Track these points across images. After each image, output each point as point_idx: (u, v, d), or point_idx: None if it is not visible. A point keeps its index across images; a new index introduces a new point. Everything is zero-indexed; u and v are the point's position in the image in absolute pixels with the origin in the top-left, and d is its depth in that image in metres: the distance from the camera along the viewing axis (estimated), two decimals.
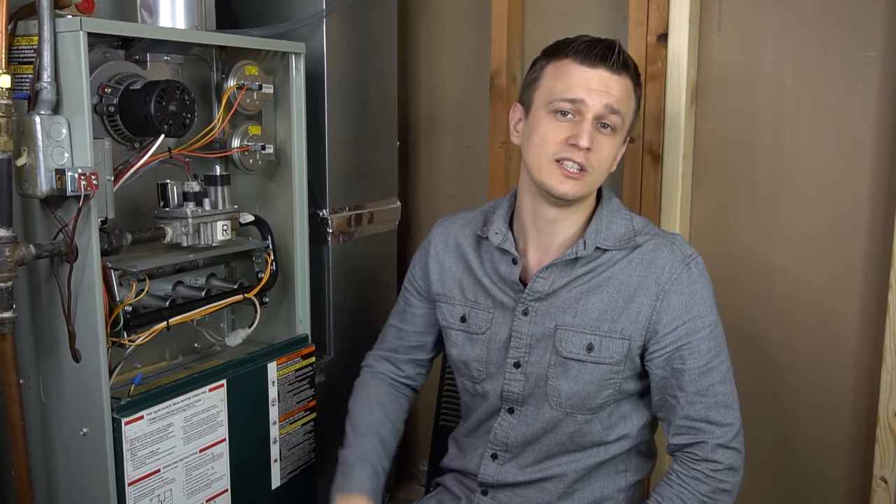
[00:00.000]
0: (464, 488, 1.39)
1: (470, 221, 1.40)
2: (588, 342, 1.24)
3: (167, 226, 1.37)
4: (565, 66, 1.21)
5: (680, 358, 1.22)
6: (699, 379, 1.22)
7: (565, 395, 1.26)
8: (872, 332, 1.60)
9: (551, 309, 1.27)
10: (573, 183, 1.21)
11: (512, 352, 1.29)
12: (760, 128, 1.68)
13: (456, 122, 2.12)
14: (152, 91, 1.27)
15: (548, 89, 1.23)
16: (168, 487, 1.34)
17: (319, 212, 1.76)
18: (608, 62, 1.19)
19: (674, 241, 1.27)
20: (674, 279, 1.23)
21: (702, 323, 1.23)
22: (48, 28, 1.15)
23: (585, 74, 1.20)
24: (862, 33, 1.56)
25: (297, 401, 1.58)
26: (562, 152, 1.20)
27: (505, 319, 1.31)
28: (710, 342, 1.23)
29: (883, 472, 1.56)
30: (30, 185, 1.17)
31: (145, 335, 1.33)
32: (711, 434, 1.22)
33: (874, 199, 1.58)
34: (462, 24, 2.07)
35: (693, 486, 1.22)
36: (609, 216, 1.28)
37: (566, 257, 1.26)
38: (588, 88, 1.19)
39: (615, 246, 1.26)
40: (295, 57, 1.53)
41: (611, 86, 1.20)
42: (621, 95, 1.21)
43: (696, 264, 1.25)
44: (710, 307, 1.25)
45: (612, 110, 1.20)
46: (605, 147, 1.21)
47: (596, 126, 1.21)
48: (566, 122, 1.21)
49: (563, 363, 1.26)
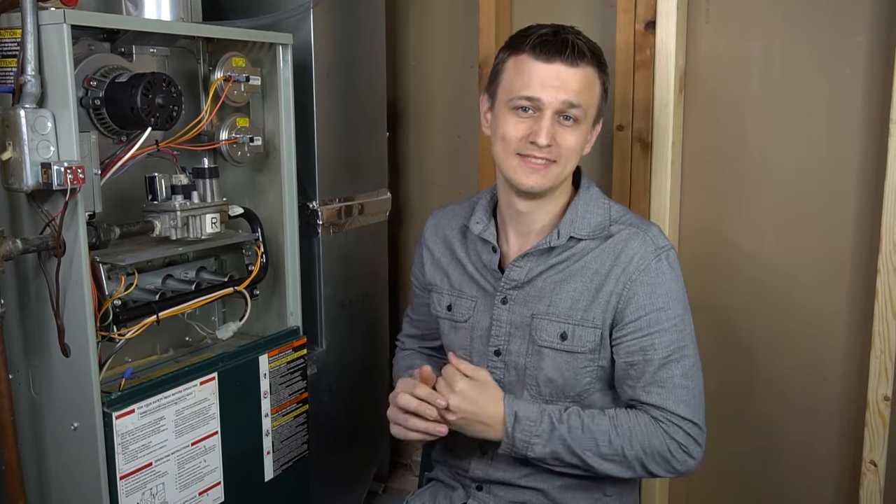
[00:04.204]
0: (458, 478, 1.40)
1: (459, 213, 1.42)
2: (562, 331, 1.25)
3: (156, 219, 1.37)
4: (523, 61, 1.21)
5: (640, 349, 1.22)
6: (658, 371, 1.21)
7: (543, 382, 1.27)
8: (861, 318, 1.61)
9: (528, 298, 1.28)
10: (539, 176, 1.22)
11: (493, 340, 1.31)
12: (749, 115, 1.68)
13: (445, 112, 2.12)
14: (138, 84, 1.26)
15: (508, 86, 1.23)
16: (160, 481, 1.34)
17: (309, 204, 1.76)
18: (563, 55, 1.19)
19: (648, 232, 1.26)
20: (641, 269, 1.22)
21: (665, 315, 1.22)
22: (31, 20, 1.14)
23: (541, 71, 1.20)
24: (849, 18, 1.56)
25: (289, 393, 1.58)
26: (523, 149, 1.22)
27: (486, 308, 1.32)
28: (672, 335, 1.22)
29: (872, 456, 1.57)
30: (15, 179, 1.17)
31: (135, 329, 1.32)
32: (666, 422, 1.20)
33: (862, 184, 1.59)
34: (450, 13, 2.06)
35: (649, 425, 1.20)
36: (585, 205, 1.28)
37: (540, 247, 1.26)
38: (544, 85, 1.19)
39: (590, 235, 1.26)
40: (282, 48, 1.52)
41: (568, 80, 1.19)
42: (581, 87, 1.20)
43: (668, 256, 1.24)
44: (677, 300, 1.24)
45: (570, 105, 1.20)
46: (569, 138, 1.22)
47: (558, 120, 1.21)
48: (526, 118, 1.21)
49: (539, 351, 1.27)
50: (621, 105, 1.75)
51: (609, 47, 1.76)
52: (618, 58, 1.73)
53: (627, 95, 1.74)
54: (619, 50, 1.73)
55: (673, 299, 1.23)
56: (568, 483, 1.29)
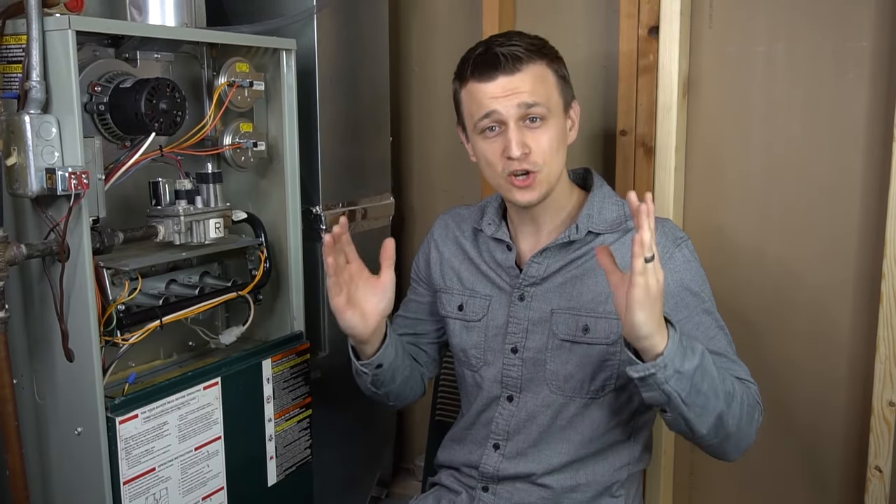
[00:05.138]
0: (462, 483, 1.40)
1: (468, 217, 1.44)
2: (584, 324, 1.26)
3: (159, 224, 1.37)
4: (471, 89, 1.24)
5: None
6: (706, 344, 1.17)
7: (563, 377, 1.28)
8: (866, 322, 1.61)
9: (547, 293, 1.29)
10: (528, 190, 1.23)
11: (510, 337, 1.31)
12: (752, 119, 1.68)
13: (449, 117, 2.09)
14: (142, 89, 1.26)
15: (469, 114, 1.27)
16: (163, 486, 1.34)
17: (312, 208, 1.76)
18: (501, 68, 1.20)
19: (664, 224, 1.29)
20: (665, 258, 1.24)
21: (697, 299, 1.24)
22: (36, 27, 1.14)
23: (487, 90, 1.21)
24: (852, 23, 1.56)
25: (292, 398, 1.58)
26: (507, 167, 1.23)
27: (502, 305, 1.33)
28: (709, 317, 1.25)
29: (878, 462, 1.57)
30: (20, 184, 1.17)
31: (139, 334, 1.32)
32: (730, 369, 1.21)
33: (866, 189, 1.59)
34: (454, 18, 2.06)
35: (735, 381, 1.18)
36: (601, 201, 1.31)
37: (559, 241, 1.28)
38: (495, 98, 1.21)
39: (607, 230, 1.29)
40: (286, 53, 1.53)
41: (516, 85, 1.20)
42: (532, 87, 1.21)
43: (687, 245, 1.27)
44: (703, 285, 1.27)
45: (527, 105, 1.20)
46: (541, 139, 1.22)
47: (524, 124, 1.21)
48: (495, 136, 1.23)
49: (560, 345, 1.27)
50: (624, 110, 1.75)
51: (612, 52, 1.76)
52: (621, 63, 1.73)
53: (630, 100, 1.74)
54: (622, 55, 1.73)
55: (699, 284, 1.26)
56: (576, 482, 1.30)
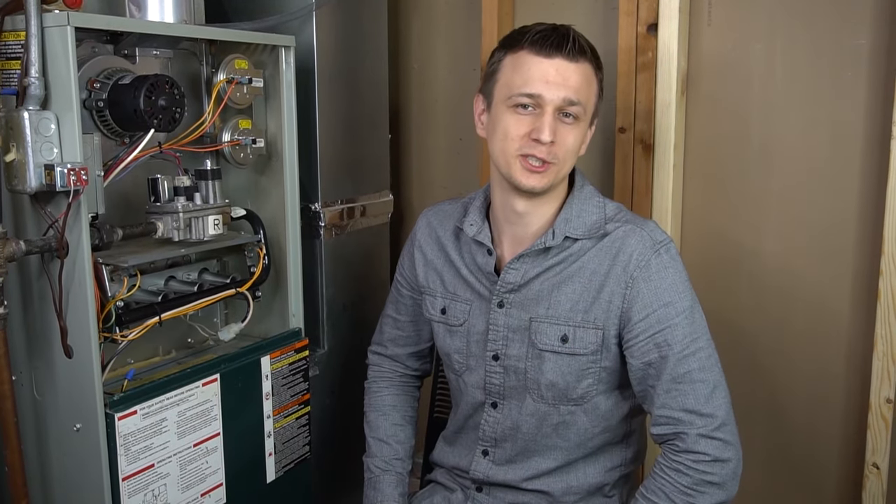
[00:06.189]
0: (458, 481, 1.40)
1: (451, 213, 1.40)
2: (562, 333, 1.24)
3: (158, 220, 1.37)
4: (521, 58, 1.19)
5: (655, 346, 1.19)
6: (675, 366, 1.18)
7: (545, 386, 1.26)
8: (863, 320, 1.61)
9: (525, 301, 1.26)
10: (539, 177, 1.20)
11: (490, 344, 1.29)
12: (751, 117, 1.68)
13: (448, 114, 2.12)
14: (141, 86, 1.26)
15: (506, 83, 1.21)
16: (162, 482, 1.34)
17: (311, 205, 1.76)
18: (564, 51, 1.17)
19: (644, 228, 1.24)
20: (642, 266, 1.20)
21: (674, 310, 1.19)
22: (35, 23, 1.14)
23: (541, 66, 1.18)
24: (851, 21, 1.56)
25: (291, 395, 1.59)
26: (525, 147, 1.19)
27: (482, 311, 1.31)
28: (684, 329, 1.19)
29: (875, 459, 1.57)
30: (19, 180, 1.17)
31: (138, 330, 1.33)
32: (692, 424, 1.16)
33: (864, 186, 1.59)
34: (453, 15, 2.06)
35: (675, 478, 1.16)
36: (580, 204, 1.27)
37: (535, 248, 1.25)
38: (546, 81, 1.17)
39: (585, 235, 1.24)
40: (285, 50, 1.52)
41: (568, 76, 1.18)
42: (580, 84, 1.19)
43: (667, 250, 1.22)
44: (683, 293, 1.21)
45: (570, 102, 1.18)
46: (568, 137, 1.20)
47: (558, 117, 1.19)
48: (527, 115, 1.19)
49: (540, 355, 1.25)
50: (623, 107, 1.75)
51: (611, 50, 1.76)
52: (619, 60, 1.73)
53: (629, 98, 1.74)
54: (620, 52, 1.73)
55: (679, 292, 1.20)
56: (567, 484, 1.29)
